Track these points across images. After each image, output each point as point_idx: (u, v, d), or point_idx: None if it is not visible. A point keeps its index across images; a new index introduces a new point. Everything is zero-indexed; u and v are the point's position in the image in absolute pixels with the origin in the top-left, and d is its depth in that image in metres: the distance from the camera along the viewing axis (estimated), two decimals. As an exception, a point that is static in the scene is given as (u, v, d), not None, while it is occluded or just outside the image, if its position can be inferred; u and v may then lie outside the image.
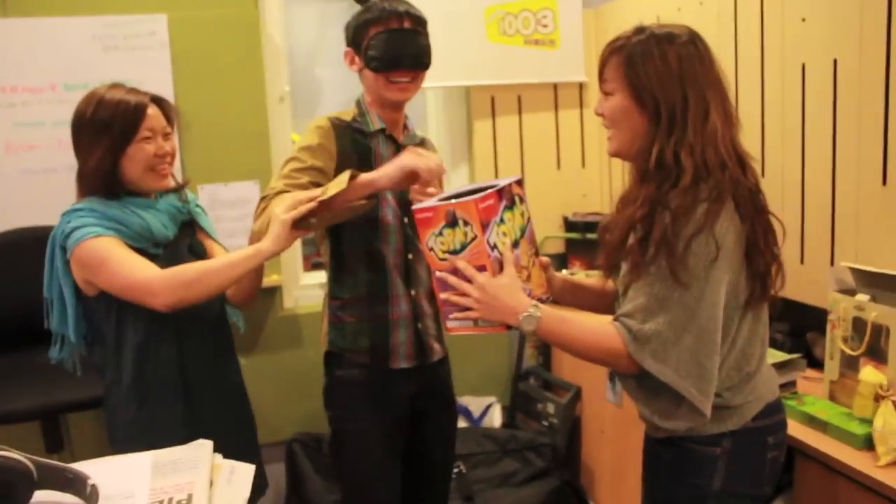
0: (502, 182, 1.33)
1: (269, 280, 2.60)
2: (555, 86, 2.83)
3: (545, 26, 2.72)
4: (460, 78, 2.68)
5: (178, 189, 1.74)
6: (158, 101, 1.66)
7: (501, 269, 1.27)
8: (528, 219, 1.37)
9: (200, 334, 1.67)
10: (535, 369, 2.93)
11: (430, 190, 1.60)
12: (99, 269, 1.52)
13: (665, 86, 1.22)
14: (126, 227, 1.57)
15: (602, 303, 1.49)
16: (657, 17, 2.31)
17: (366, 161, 1.66)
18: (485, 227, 1.22)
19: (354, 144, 1.67)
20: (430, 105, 2.94)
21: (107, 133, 1.57)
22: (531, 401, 2.79)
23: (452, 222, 1.25)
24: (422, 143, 1.81)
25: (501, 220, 1.26)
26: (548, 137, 2.87)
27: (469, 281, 1.28)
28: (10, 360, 2.30)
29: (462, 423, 2.76)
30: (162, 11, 2.50)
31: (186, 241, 1.70)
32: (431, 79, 2.67)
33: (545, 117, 2.85)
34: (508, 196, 1.30)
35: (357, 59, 1.66)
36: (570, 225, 2.89)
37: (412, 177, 1.50)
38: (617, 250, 1.29)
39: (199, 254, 1.70)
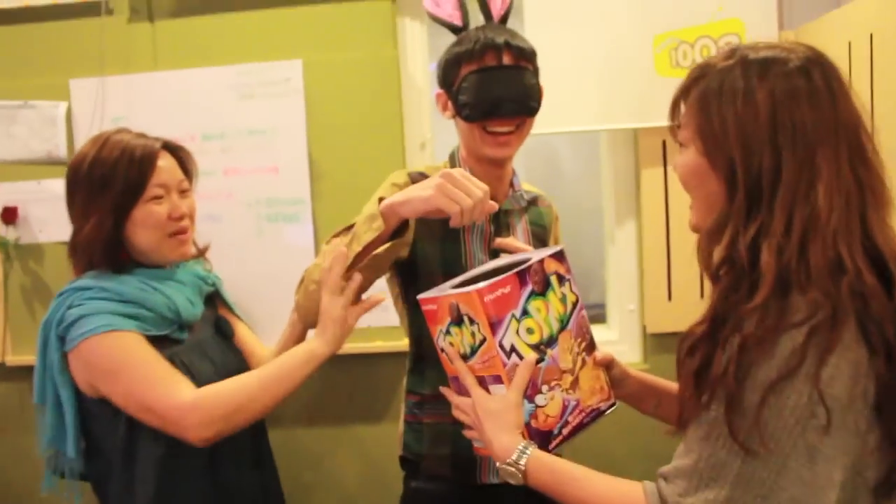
0: (535, 253, 1.08)
1: (399, 344, 2.37)
2: (741, 126, 2.44)
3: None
4: (625, 119, 2.37)
5: (200, 255, 1.50)
6: (173, 149, 1.41)
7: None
8: (576, 304, 1.08)
9: (235, 438, 1.31)
10: None
11: (513, 242, 1.33)
12: (112, 378, 1.22)
13: (746, 140, 0.87)
14: (148, 311, 1.29)
15: None
16: (871, 34, 1.92)
17: (454, 230, 1.36)
18: (495, 326, 0.96)
19: None
20: (602, 151, 2.66)
21: (106, 191, 1.29)
22: None
23: (458, 319, 1.00)
24: (533, 202, 1.59)
25: (525, 313, 0.99)
26: None
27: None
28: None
29: None
30: (298, 57, 2.43)
31: (211, 319, 1.43)
32: (591, 121, 2.52)
33: (729, 164, 2.46)
34: (538, 278, 1.02)
35: (450, 104, 1.44)
36: (760, 294, 2.47)
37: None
38: (681, 377, 0.93)
39: (227, 335, 1.45)
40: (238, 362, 1.42)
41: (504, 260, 1.21)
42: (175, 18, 2.52)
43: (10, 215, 2.51)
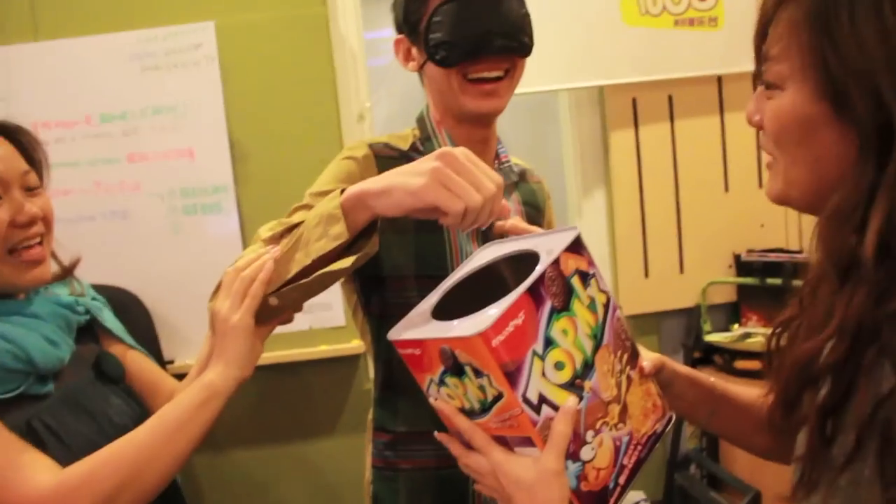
0: (543, 247, 0.80)
1: (348, 347, 2.19)
2: (719, 79, 2.26)
3: (703, 0, 2.17)
4: (590, 76, 2.15)
5: (65, 276, 1.13)
6: (10, 133, 1.04)
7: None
8: (607, 305, 0.81)
9: None
10: (697, 456, 2.39)
11: (519, 224, 1.03)
12: None
13: (884, 68, 0.62)
14: None
15: (751, 424, 0.93)
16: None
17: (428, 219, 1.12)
18: (513, 375, 0.70)
19: None
20: (561, 112, 2.42)
21: None
22: (691, 500, 2.28)
23: (456, 368, 0.74)
24: (522, 177, 1.31)
25: (548, 344, 0.73)
26: (711, 149, 2.31)
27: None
28: None
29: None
30: (209, 18, 2.11)
31: (89, 359, 1.05)
32: (549, 79, 2.30)
33: (706, 123, 2.29)
34: (557, 287, 0.75)
35: (414, 50, 1.17)
36: (742, 266, 2.33)
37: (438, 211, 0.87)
38: (788, 410, 0.72)
39: (114, 376, 1.09)
40: (133, 410, 1.08)
41: (494, 249, 0.92)
42: (56, -22, 2.17)
43: None
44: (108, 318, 1.17)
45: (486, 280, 0.86)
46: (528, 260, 0.80)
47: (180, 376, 2.16)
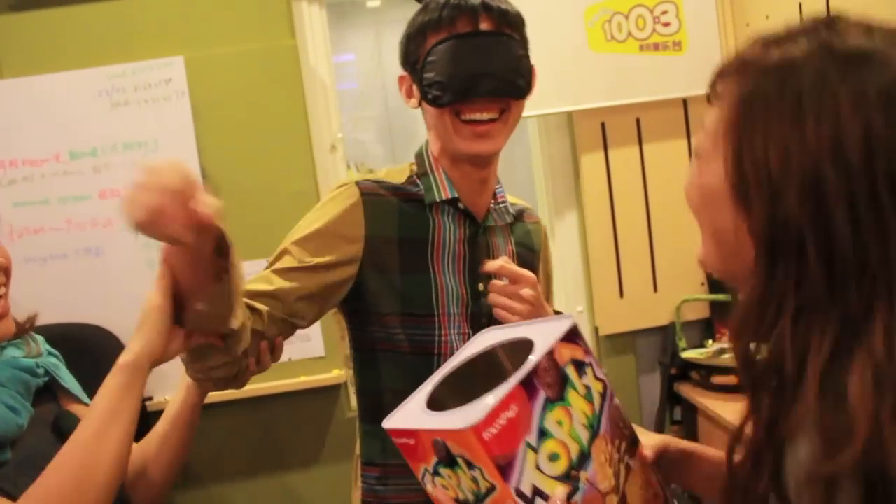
0: (539, 336, 0.81)
1: (328, 377, 2.25)
2: (684, 101, 2.37)
3: (667, 25, 2.28)
4: (558, 102, 2.26)
5: (22, 334, 1.12)
6: None
7: None
8: (604, 393, 0.83)
9: None
10: (681, 497, 2.46)
11: (506, 266, 1.11)
12: None
13: (815, 190, 0.61)
14: None
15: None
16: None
17: (418, 255, 1.19)
18: (506, 469, 0.71)
19: (403, 223, 1.20)
20: (531, 136, 2.52)
21: None
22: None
23: (448, 459, 0.76)
24: (519, 217, 1.34)
25: (542, 435, 0.74)
26: (679, 170, 2.35)
27: None
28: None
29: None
30: (178, 53, 2.19)
31: (48, 419, 1.07)
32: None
33: (674, 145, 2.40)
34: (551, 378, 0.76)
35: (414, 87, 1.20)
36: (715, 284, 2.43)
37: None
38: None
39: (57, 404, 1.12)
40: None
41: (490, 336, 0.93)
42: (17, 12, 2.21)
43: None
44: (65, 376, 1.17)
45: (483, 366, 0.87)
46: (524, 347, 0.80)
47: (158, 413, 2.23)
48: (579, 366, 0.81)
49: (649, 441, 0.90)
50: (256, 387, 2.20)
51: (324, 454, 2.34)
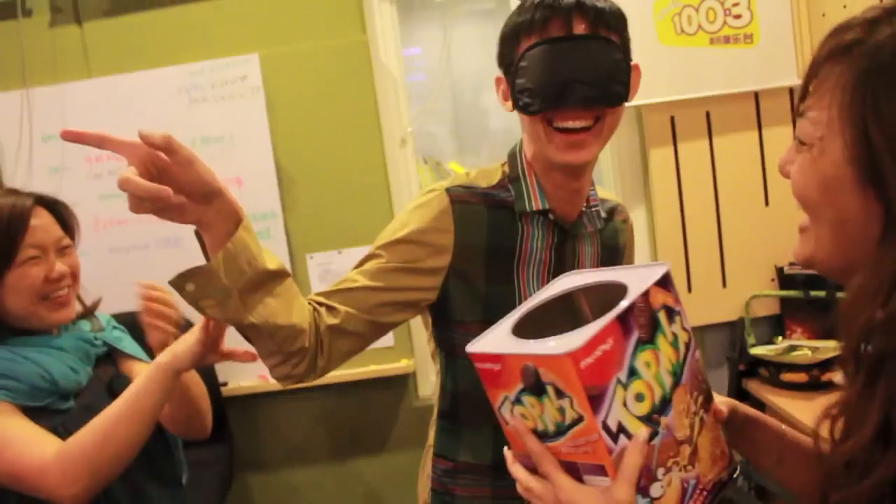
0: (632, 279, 0.82)
1: (398, 367, 2.33)
2: (756, 95, 2.36)
3: (738, 17, 2.29)
4: None
5: (87, 314, 1.45)
6: (50, 205, 1.35)
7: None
8: (689, 344, 0.84)
9: (143, 500, 1.35)
10: (745, 468, 2.45)
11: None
12: None
13: None
14: (17, 382, 1.24)
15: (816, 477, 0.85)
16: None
17: (504, 265, 1.19)
18: (596, 401, 0.73)
19: (491, 232, 1.18)
20: None
21: None
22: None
23: (536, 387, 0.77)
24: (609, 216, 1.31)
25: (632, 374, 0.76)
26: (750, 164, 2.41)
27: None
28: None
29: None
30: (254, 51, 2.29)
31: (104, 381, 1.36)
32: None
33: (745, 138, 2.39)
34: (644, 319, 0.78)
35: (510, 91, 1.16)
36: (786, 280, 2.41)
37: None
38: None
39: (112, 387, 1.38)
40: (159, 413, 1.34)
41: (574, 279, 0.94)
42: (107, 18, 2.35)
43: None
44: (128, 346, 1.48)
45: (558, 308, 0.89)
46: (605, 292, 0.82)
47: (234, 399, 2.36)
48: (670, 312, 0.81)
49: (721, 400, 0.92)
50: (329, 375, 2.30)
51: (392, 441, 2.43)
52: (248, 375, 2.34)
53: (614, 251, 1.33)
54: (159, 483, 1.40)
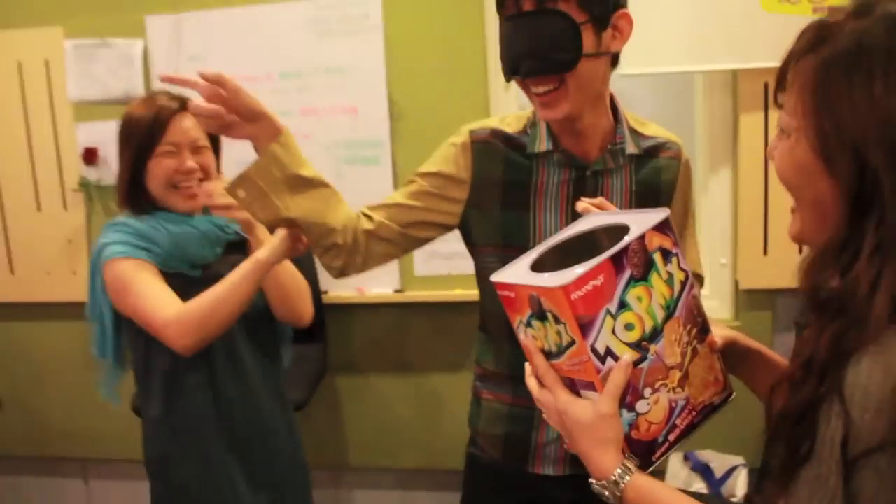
0: (636, 222, 0.93)
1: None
2: (853, 67, 2.43)
3: (843, -10, 2.37)
4: (724, 59, 2.38)
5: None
6: None
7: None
8: (685, 283, 0.96)
9: (237, 361, 1.66)
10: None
11: (602, 203, 1.22)
12: (121, 295, 1.56)
13: (890, 142, 0.74)
14: (155, 245, 1.59)
15: None
16: None
17: (519, 196, 1.36)
18: (586, 327, 0.86)
19: (507, 167, 1.37)
20: (696, 91, 2.64)
21: (128, 146, 1.61)
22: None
23: (540, 313, 0.91)
24: (652, 153, 1.42)
25: (622, 306, 0.88)
26: None
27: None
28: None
29: (698, 484, 2.48)
30: (376, -9, 2.49)
31: (232, 262, 1.60)
32: (684, 60, 2.51)
33: (837, 109, 2.46)
34: (638, 260, 0.89)
35: None
36: (864, 250, 2.50)
37: None
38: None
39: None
40: (254, 300, 1.62)
41: (593, 220, 1.07)
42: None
43: (91, 156, 2.72)
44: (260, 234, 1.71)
45: (583, 245, 1.00)
46: (621, 232, 0.92)
47: (333, 306, 2.63)
48: (666, 254, 0.93)
49: (721, 332, 1.04)
50: (418, 293, 2.57)
51: (469, 359, 2.65)
52: (346, 287, 2.62)
53: (652, 187, 1.42)
54: (255, 351, 1.71)
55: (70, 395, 3.01)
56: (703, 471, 2.54)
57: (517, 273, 0.98)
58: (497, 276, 0.98)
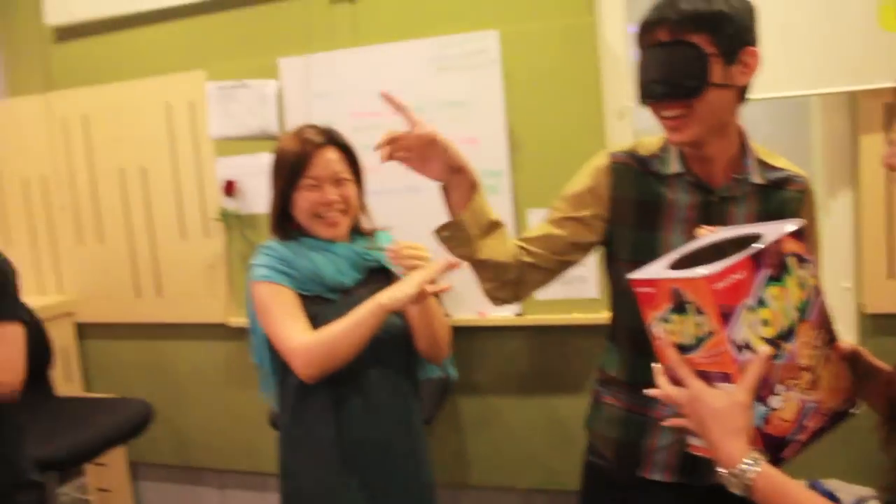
0: (768, 231, 0.99)
1: (598, 317, 2.56)
2: (981, 86, 2.37)
3: (970, 9, 2.33)
4: (843, 81, 2.37)
5: (368, 235, 1.85)
6: (340, 143, 1.77)
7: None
8: (816, 289, 1.01)
9: (363, 381, 1.73)
10: None
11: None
12: (261, 317, 1.71)
13: None
14: (295, 270, 1.72)
15: None
16: None
17: (650, 216, 1.45)
18: (726, 317, 0.91)
19: (641, 188, 1.47)
20: (812, 113, 2.65)
21: (278, 178, 1.76)
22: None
23: (679, 306, 0.96)
24: (778, 185, 1.46)
25: (759, 303, 0.93)
26: None
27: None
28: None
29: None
30: (494, 27, 2.63)
31: (371, 288, 1.72)
32: (800, 84, 2.48)
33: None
34: (774, 260, 0.95)
35: None
36: None
37: None
38: None
39: None
40: (393, 320, 1.73)
41: (724, 233, 1.12)
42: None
43: (230, 188, 2.96)
44: (395, 268, 1.80)
45: (713, 255, 1.03)
46: (751, 242, 0.97)
47: (456, 328, 2.77)
48: (801, 260, 0.99)
49: (846, 345, 1.08)
50: (535, 317, 2.66)
51: (586, 384, 2.71)
52: (468, 310, 2.75)
53: (777, 217, 1.44)
54: (383, 372, 1.77)
55: (210, 410, 3.26)
56: (830, 497, 2.53)
57: (656, 271, 1.04)
58: (636, 274, 1.04)
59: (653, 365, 1.07)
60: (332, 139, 1.78)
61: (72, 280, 3.41)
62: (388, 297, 1.61)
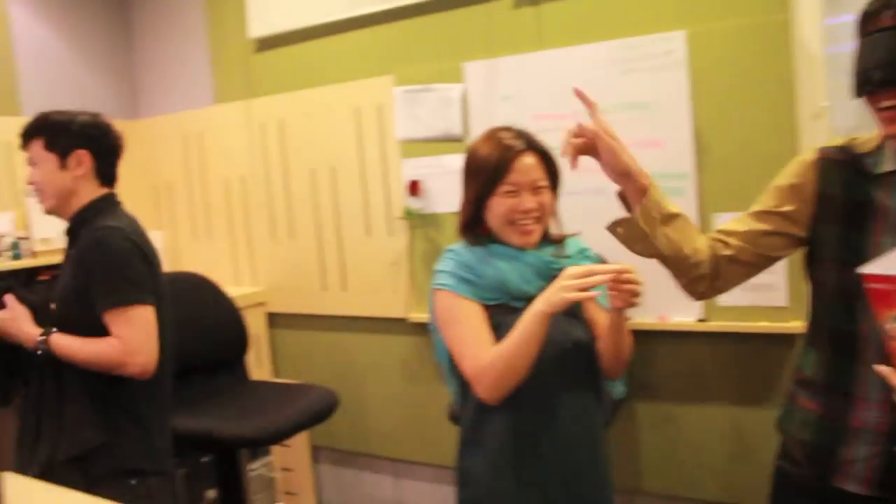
0: None
1: (786, 326, 2.50)
2: None
3: None
4: None
5: (556, 242, 1.77)
6: (539, 150, 1.72)
7: None
8: None
9: (542, 390, 1.67)
10: None
11: None
12: (441, 327, 1.71)
13: None
14: (478, 278, 1.69)
15: None
16: None
17: (859, 216, 1.37)
18: None
19: (849, 186, 1.40)
20: None
21: (473, 182, 1.72)
22: None
23: None
24: None
25: None
26: None
27: None
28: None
29: None
30: (681, 28, 2.60)
31: None
32: None
33: None
34: None
35: None
36: None
37: None
38: None
39: (571, 311, 1.67)
40: (578, 334, 1.72)
41: None
42: (559, 0, 2.86)
43: (414, 188, 3.10)
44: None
45: None
46: None
47: (635, 332, 2.73)
48: None
49: None
50: (722, 324, 2.61)
51: (772, 394, 2.63)
52: (649, 315, 2.73)
53: None
54: (564, 381, 1.71)
55: (388, 401, 3.43)
56: None
57: (891, 264, 1.00)
58: (869, 268, 1.01)
59: (880, 367, 1.06)
60: (532, 144, 1.74)
61: (265, 273, 3.69)
62: (543, 301, 1.56)
